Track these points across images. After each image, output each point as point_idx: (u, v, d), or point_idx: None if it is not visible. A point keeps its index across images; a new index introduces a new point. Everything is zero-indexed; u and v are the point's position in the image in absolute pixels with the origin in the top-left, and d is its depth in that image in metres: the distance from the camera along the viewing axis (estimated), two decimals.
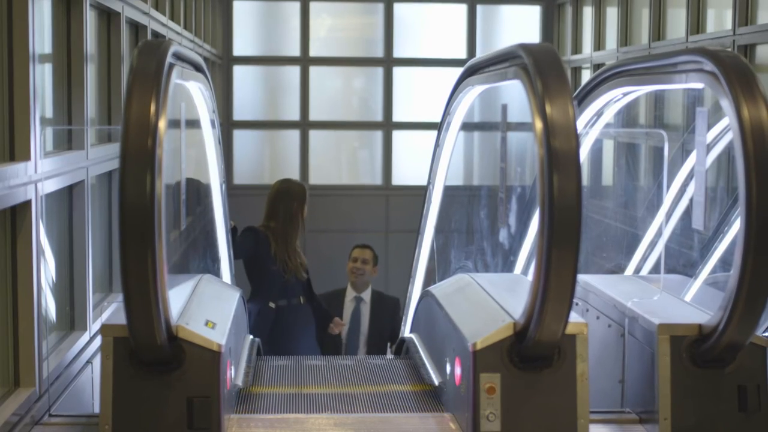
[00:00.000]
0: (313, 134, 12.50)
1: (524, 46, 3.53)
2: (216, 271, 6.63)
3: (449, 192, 6.73)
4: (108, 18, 5.46)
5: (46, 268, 4.17)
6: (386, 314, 7.90)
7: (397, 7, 12.41)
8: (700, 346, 3.68)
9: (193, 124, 5.85)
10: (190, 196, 4.97)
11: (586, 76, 10.87)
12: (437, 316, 4.64)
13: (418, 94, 12.50)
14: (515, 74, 3.64)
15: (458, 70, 5.54)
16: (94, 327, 4.79)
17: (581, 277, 4.66)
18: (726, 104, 3.37)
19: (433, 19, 12.58)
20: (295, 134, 12.48)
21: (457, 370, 3.94)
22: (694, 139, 4.10)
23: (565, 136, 3.23)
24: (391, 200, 12.39)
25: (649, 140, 8.56)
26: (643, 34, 9.11)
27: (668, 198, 5.41)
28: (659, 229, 5.66)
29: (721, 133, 4.86)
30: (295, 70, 12.42)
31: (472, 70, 5.16)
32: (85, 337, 4.70)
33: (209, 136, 6.33)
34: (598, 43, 10.46)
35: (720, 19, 7.50)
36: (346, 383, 4.84)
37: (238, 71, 12.41)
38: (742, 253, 3.29)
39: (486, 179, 11.32)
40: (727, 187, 6.08)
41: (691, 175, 5.22)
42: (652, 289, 4.54)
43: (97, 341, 4.64)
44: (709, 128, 4.58)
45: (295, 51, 12.39)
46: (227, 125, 12.18)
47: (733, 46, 6.77)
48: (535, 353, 3.62)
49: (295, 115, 12.45)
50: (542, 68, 3.37)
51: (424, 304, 5.36)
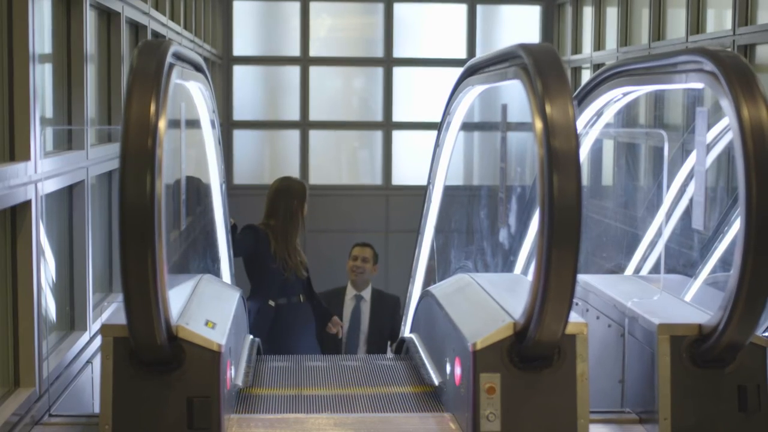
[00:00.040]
0: (313, 134, 12.50)
1: (524, 46, 3.53)
2: (216, 271, 6.62)
3: (449, 192, 6.72)
4: (108, 18, 5.46)
5: (46, 268, 4.16)
6: (386, 312, 7.90)
7: (397, 7, 12.40)
8: (700, 346, 3.68)
9: (193, 124, 5.85)
10: (190, 196, 4.96)
11: (586, 76, 10.87)
12: (437, 316, 4.64)
13: (418, 94, 12.49)
14: (515, 74, 3.64)
15: (458, 70, 5.54)
16: (94, 327, 4.79)
17: (581, 277, 4.66)
18: (726, 104, 3.37)
19: (433, 19, 12.58)
20: (295, 134, 12.48)
21: (457, 370, 3.94)
22: (694, 139, 4.10)
23: (565, 136, 3.23)
24: (391, 200, 12.38)
25: (649, 140, 8.56)
26: (643, 34, 9.11)
27: (668, 198, 5.41)
28: (659, 229, 5.65)
29: (721, 133, 4.86)
30: (295, 70, 12.42)
31: (472, 70, 5.16)
32: (85, 337, 4.70)
33: (209, 136, 6.33)
34: (598, 43, 10.46)
35: (720, 19, 7.50)
36: (346, 384, 4.84)
37: (238, 71, 12.41)
38: (742, 253, 3.29)
39: (486, 179, 11.32)
40: (727, 187, 6.08)
41: (691, 175, 5.22)
42: (652, 289, 4.54)
43: (97, 341, 4.64)
44: (709, 128, 4.58)
45: (295, 51, 12.39)
46: (227, 125, 12.17)
47: (733, 46, 6.77)
48: (535, 353, 3.62)
49: (295, 115, 12.45)
50: (542, 68, 3.37)
51: (424, 304, 5.36)
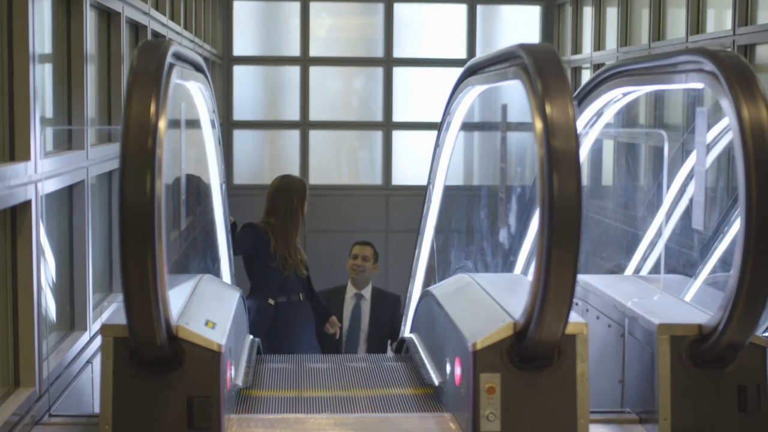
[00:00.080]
0: (313, 134, 12.50)
1: (524, 46, 3.53)
2: (216, 271, 6.62)
3: (449, 192, 6.72)
4: (108, 18, 5.46)
5: (46, 268, 4.16)
6: (387, 311, 7.90)
7: (397, 7, 12.40)
8: (700, 346, 3.68)
9: (193, 124, 5.85)
10: (190, 196, 4.96)
11: (586, 76, 10.87)
12: (437, 316, 4.64)
13: (418, 94, 12.49)
14: (515, 74, 3.64)
15: (458, 70, 5.54)
16: (94, 327, 4.79)
17: (581, 277, 4.65)
18: (726, 104, 3.37)
19: (433, 19, 12.58)
20: (295, 134, 12.48)
21: (457, 370, 3.94)
22: (694, 139, 4.10)
23: (565, 136, 3.23)
24: (391, 200, 12.38)
25: (649, 140, 8.56)
26: (643, 34, 9.11)
27: (668, 198, 5.41)
28: (659, 229, 5.66)
29: (721, 133, 4.86)
30: (295, 70, 12.41)
31: (472, 70, 5.16)
32: (85, 337, 4.70)
33: (209, 136, 6.32)
34: (598, 43, 10.46)
35: (720, 19, 7.50)
36: (346, 386, 4.83)
37: (238, 71, 12.41)
38: (742, 253, 3.29)
39: (486, 179, 11.32)
40: (727, 187, 6.08)
41: (691, 175, 5.22)
42: (652, 289, 4.54)
43: (97, 341, 4.64)
44: (709, 128, 4.58)
45: (295, 51, 12.39)
46: (227, 125, 12.17)
47: (733, 46, 6.77)
48: (535, 353, 3.61)
49: (295, 115, 12.45)
50: (542, 68, 3.37)
51: (424, 304, 5.36)
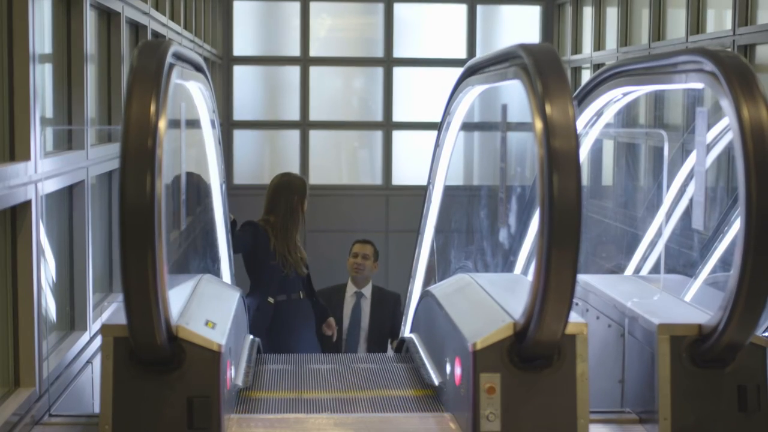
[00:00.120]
0: (313, 134, 12.50)
1: (524, 46, 3.53)
2: (216, 271, 6.62)
3: (449, 192, 6.73)
4: (108, 18, 5.46)
5: (46, 268, 4.16)
6: (387, 310, 7.90)
7: (397, 7, 12.40)
8: (700, 346, 3.68)
9: (193, 124, 5.85)
10: (190, 196, 4.96)
11: (586, 76, 10.87)
12: (437, 316, 4.64)
13: (418, 94, 12.49)
14: (515, 74, 3.64)
15: (458, 70, 5.54)
16: (94, 327, 4.79)
17: (581, 277, 4.65)
18: (726, 104, 3.37)
19: (433, 19, 12.58)
20: (295, 134, 12.48)
21: (457, 370, 3.94)
22: (694, 139, 4.10)
23: (565, 136, 3.23)
24: (391, 200, 12.38)
25: (649, 140, 8.57)
26: (643, 34, 9.11)
27: (668, 198, 5.41)
28: (659, 229, 5.66)
29: (721, 133, 4.86)
30: (295, 70, 12.41)
31: (472, 70, 5.16)
32: (85, 337, 4.70)
33: (209, 136, 6.32)
34: (598, 43, 10.46)
35: (720, 19, 7.50)
36: (346, 387, 4.82)
37: (238, 71, 12.41)
38: (742, 253, 3.29)
39: (486, 179, 11.32)
40: (727, 187, 6.08)
41: (691, 175, 5.22)
42: (652, 289, 4.54)
43: (97, 341, 4.64)
44: (709, 128, 4.58)
45: (295, 51, 12.39)
46: (227, 125, 12.17)
47: (733, 46, 6.77)
48: (535, 353, 3.61)
49: (295, 115, 12.45)
50: (542, 68, 3.37)
51: (424, 304, 5.36)
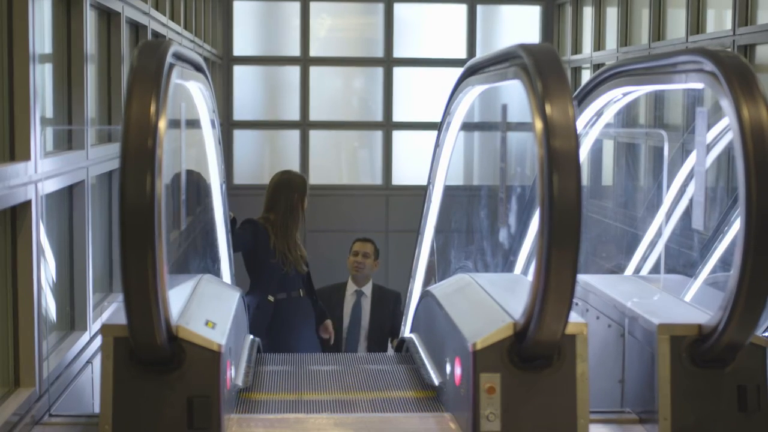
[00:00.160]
0: (313, 134, 12.50)
1: (524, 46, 3.53)
2: (216, 271, 6.62)
3: (449, 192, 6.73)
4: (108, 18, 5.46)
5: (46, 268, 4.16)
6: (387, 308, 7.90)
7: (397, 7, 12.40)
8: (700, 346, 3.67)
9: (193, 124, 5.85)
10: (190, 196, 4.96)
11: (586, 76, 10.87)
12: (437, 316, 4.64)
13: (418, 94, 12.49)
14: (515, 74, 3.64)
15: (458, 70, 5.54)
16: (94, 327, 4.79)
17: (581, 277, 4.65)
18: (726, 104, 3.37)
19: (433, 19, 12.58)
20: (295, 134, 12.48)
21: (457, 370, 3.94)
22: (694, 139, 4.10)
23: (565, 136, 3.23)
24: (391, 200, 12.38)
25: (649, 140, 8.57)
26: (643, 34, 9.11)
27: (668, 198, 5.41)
28: (659, 229, 5.66)
29: (721, 133, 4.86)
30: (295, 70, 12.41)
31: (472, 70, 5.16)
32: (85, 337, 4.70)
33: (209, 136, 6.32)
34: (598, 43, 10.46)
35: (720, 19, 7.50)
36: (346, 389, 4.81)
37: (238, 71, 12.41)
38: (742, 253, 3.28)
39: (486, 179, 11.32)
40: (727, 187, 6.08)
41: (691, 175, 5.22)
42: (652, 289, 4.54)
43: (97, 341, 4.64)
44: (709, 128, 4.58)
45: (295, 51, 12.39)
46: (227, 125, 12.17)
47: (733, 46, 6.77)
48: (535, 353, 3.61)
49: (295, 115, 12.45)
50: (542, 68, 3.37)
51: (424, 304, 5.36)
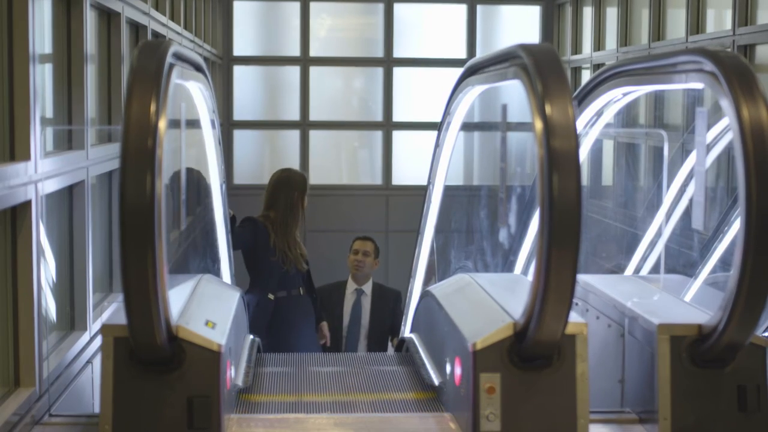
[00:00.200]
0: (313, 134, 12.50)
1: (524, 46, 3.53)
2: (216, 271, 6.62)
3: (449, 192, 6.73)
4: (108, 18, 5.46)
5: (46, 268, 4.16)
6: (387, 307, 7.90)
7: (397, 7, 12.40)
8: (700, 346, 3.67)
9: (193, 124, 5.85)
10: (190, 196, 4.96)
11: (586, 76, 10.88)
12: (437, 316, 4.64)
13: (418, 94, 12.49)
14: (515, 74, 3.64)
15: (458, 70, 5.54)
16: (95, 327, 4.79)
17: (581, 277, 4.65)
18: (726, 104, 3.37)
19: (433, 19, 12.58)
20: (295, 134, 12.48)
21: (457, 370, 3.94)
22: (694, 139, 4.10)
23: (565, 136, 3.23)
24: (391, 200, 12.38)
25: (649, 140, 8.57)
26: (643, 34, 9.11)
27: (668, 198, 5.42)
28: (659, 229, 5.66)
29: (721, 133, 4.86)
30: (295, 70, 12.42)
31: (472, 70, 5.16)
32: (85, 337, 4.70)
33: (209, 136, 6.33)
34: (598, 43, 10.46)
35: (720, 19, 7.51)
36: (346, 390, 4.80)
37: (238, 71, 12.41)
38: (742, 253, 3.28)
39: (486, 179, 11.32)
40: (727, 187, 6.09)
41: (691, 175, 5.23)
42: (652, 289, 4.54)
43: (97, 341, 4.64)
44: (709, 128, 4.58)
45: (295, 51, 12.39)
46: (227, 125, 12.17)
47: (733, 46, 6.77)
48: (535, 353, 3.61)
49: (295, 115, 12.45)
50: (542, 68, 3.37)
51: (424, 304, 5.36)
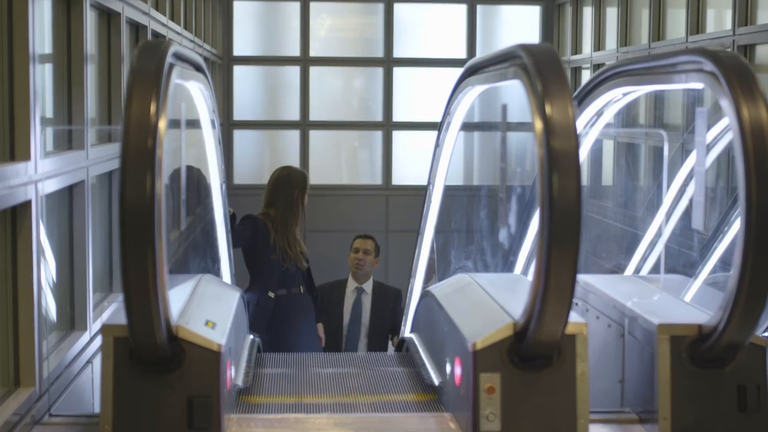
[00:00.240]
0: (313, 134, 12.50)
1: (524, 46, 3.53)
2: (216, 271, 6.62)
3: (449, 192, 6.73)
4: (108, 18, 5.46)
5: (46, 268, 4.16)
6: (388, 305, 7.90)
7: (397, 7, 12.40)
8: (699, 346, 3.68)
9: (193, 124, 5.85)
10: (190, 195, 4.96)
11: (586, 76, 10.88)
12: (437, 316, 4.64)
13: (418, 94, 12.49)
14: (515, 74, 3.64)
15: (458, 70, 5.54)
16: (95, 327, 4.79)
17: (581, 277, 4.65)
18: (726, 104, 3.37)
19: (433, 19, 12.58)
20: (295, 134, 12.48)
21: (457, 370, 3.94)
22: (694, 139, 4.11)
23: (565, 136, 3.23)
24: (391, 200, 12.38)
25: (649, 140, 8.57)
26: (643, 34, 9.11)
27: (668, 198, 5.42)
28: (659, 229, 5.66)
29: (721, 133, 4.86)
30: (295, 70, 12.42)
31: (472, 70, 5.16)
32: (86, 337, 4.70)
33: (209, 136, 6.33)
34: (598, 43, 10.46)
35: (720, 19, 7.51)
36: (347, 391, 4.79)
37: (238, 71, 12.41)
38: (742, 253, 3.28)
39: (486, 179, 11.32)
40: (727, 187, 6.09)
41: (691, 175, 5.23)
42: (652, 289, 4.54)
43: (98, 341, 4.64)
44: (709, 128, 4.58)
45: (295, 51, 12.39)
46: (227, 125, 12.17)
47: (733, 46, 6.77)
48: (534, 353, 3.61)
49: (295, 115, 12.45)
50: (542, 68, 3.37)
51: (424, 304, 5.36)
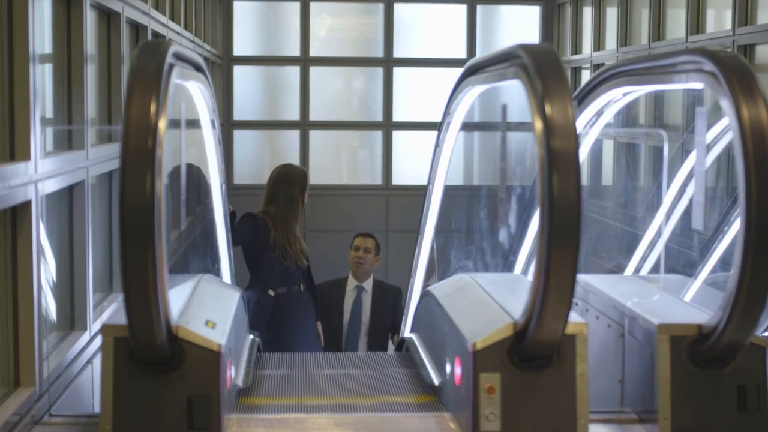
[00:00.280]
0: (313, 134, 12.50)
1: (524, 46, 3.53)
2: (216, 271, 6.62)
3: (449, 192, 6.73)
4: (108, 18, 5.46)
5: (46, 268, 4.16)
6: (388, 304, 7.90)
7: (397, 7, 12.40)
8: (699, 346, 3.68)
9: (193, 124, 5.85)
10: (190, 195, 4.96)
11: (586, 76, 10.88)
12: (437, 316, 4.64)
13: (418, 94, 12.50)
14: (515, 74, 3.64)
15: (458, 70, 5.54)
16: (95, 327, 4.79)
17: (581, 277, 4.65)
18: (726, 104, 3.37)
19: (433, 19, 12.58)
20: (295, 134, 12.48)
21: (457, 370, 3.94)
22: (694, 139, 4.11)
23: (565, 136, 3.23)
24: (391, 200, 12.39)
25: (649, 140, 8.57)
26: (642, 34, 9.11)
27: (668, 198, 5.42)
28: (659, 229, 5.66)
29: (721, 133, 4.87)
30: (295, 70, 12.42)
31: (472, 70, 5.16)
32: (86, 337, 4.70)
33: (209, 136, 6.33)
34: (598, 43, 10.46)
35: (720, 20, 7.51)
36: (347, 392, 4.79)
37: (238, 71, 12.41)
38: (742, 253, 3.29)
39: (486, 179, 11.33)
40: (727, 187, 6.09)
41: (690, 175, 5.23)
42: (652, 289, 4.54)
43: (98, 341, 4.64)
44: (709, 128, 4.58)
45: (295, 51, 12.39)
46: (227, 125, 12.18)
47: (733, 46, 6.77)
48: (534, 353, 3.62)
49: (295, 115, 12.45)
50: (542, 68, 3.37)
51: (424, 304, 5.36)
